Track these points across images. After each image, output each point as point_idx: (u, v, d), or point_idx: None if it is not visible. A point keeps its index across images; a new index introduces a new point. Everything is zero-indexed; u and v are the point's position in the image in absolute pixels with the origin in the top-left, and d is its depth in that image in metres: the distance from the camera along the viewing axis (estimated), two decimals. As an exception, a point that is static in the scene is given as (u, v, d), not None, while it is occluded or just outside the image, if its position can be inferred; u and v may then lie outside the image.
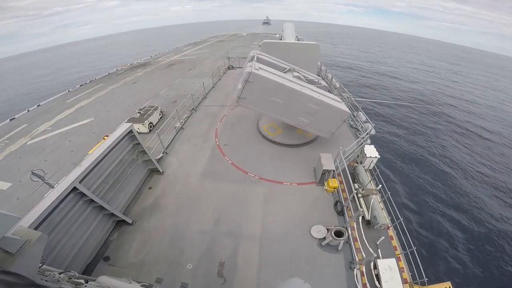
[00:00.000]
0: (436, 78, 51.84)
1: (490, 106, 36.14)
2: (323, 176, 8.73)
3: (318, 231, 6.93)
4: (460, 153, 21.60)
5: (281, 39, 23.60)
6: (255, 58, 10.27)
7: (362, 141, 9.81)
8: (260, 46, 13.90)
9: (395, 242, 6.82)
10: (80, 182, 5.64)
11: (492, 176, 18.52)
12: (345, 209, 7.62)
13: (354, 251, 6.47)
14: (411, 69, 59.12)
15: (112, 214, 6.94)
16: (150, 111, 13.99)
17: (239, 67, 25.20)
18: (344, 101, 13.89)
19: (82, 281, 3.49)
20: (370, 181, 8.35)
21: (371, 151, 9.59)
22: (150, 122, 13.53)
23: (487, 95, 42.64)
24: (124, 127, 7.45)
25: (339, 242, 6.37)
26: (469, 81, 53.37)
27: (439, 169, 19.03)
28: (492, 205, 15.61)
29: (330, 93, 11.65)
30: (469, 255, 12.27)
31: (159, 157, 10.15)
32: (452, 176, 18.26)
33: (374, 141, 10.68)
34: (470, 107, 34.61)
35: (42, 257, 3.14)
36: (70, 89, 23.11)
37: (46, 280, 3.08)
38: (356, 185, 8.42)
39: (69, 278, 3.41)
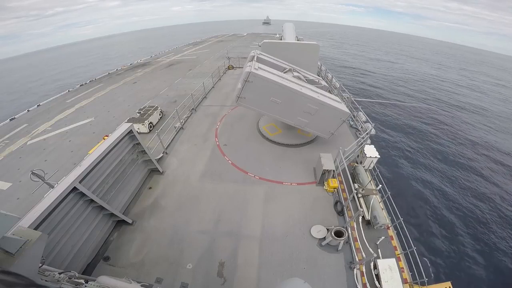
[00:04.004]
0: (435, 78, 51.82)
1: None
2: (323, 176, 8.73)
3: (318, 231, 6.93)
4: (462, 152, 21.60)
5: (281, 39, 23.57)
6: (255, 58, 10.27)
7: (362, 141, 9.81)
8: (260, 46, 13.89)
9: (395, 242, 6.82)
10: (80, 182, 5.65)
11: (493, 175, 18.52)
12: (345, 209, 7.62)
13: (354, 251, 6.47)
14: (413, 68, 59.13)
15: (112, 214, 6.93)
16: (150, 111, 14.00)
17: (239, 67, 25.21)
18: (344, 101, 13.89)
19: (82, 281, 3.49)
20: (370, 181, 8.35)
21: (371, 151, 9.59)
22: (150, 122, 13.53)
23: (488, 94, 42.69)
24: (124, 127, 7.45)
25: (339, 242, 6.37)
26: (469, 80, 53.36)
27: (440, 169, 19.02)
28: (495, 204, 15.61)
29: (330, 93, 11.64)
30: (469, 255, 12.26)
31: (159, 157, 10.15)
32: (453, 176, 18.26)
33: (374, 141, 10.67)
34: (473, 104, 34.64)
35: (42, 257, 3.13)
36: (70, 89, 23.15)
37: (46, 280, 3.08)
38: (356, 185, 8.41)
39: (69, 278, 3.42)
